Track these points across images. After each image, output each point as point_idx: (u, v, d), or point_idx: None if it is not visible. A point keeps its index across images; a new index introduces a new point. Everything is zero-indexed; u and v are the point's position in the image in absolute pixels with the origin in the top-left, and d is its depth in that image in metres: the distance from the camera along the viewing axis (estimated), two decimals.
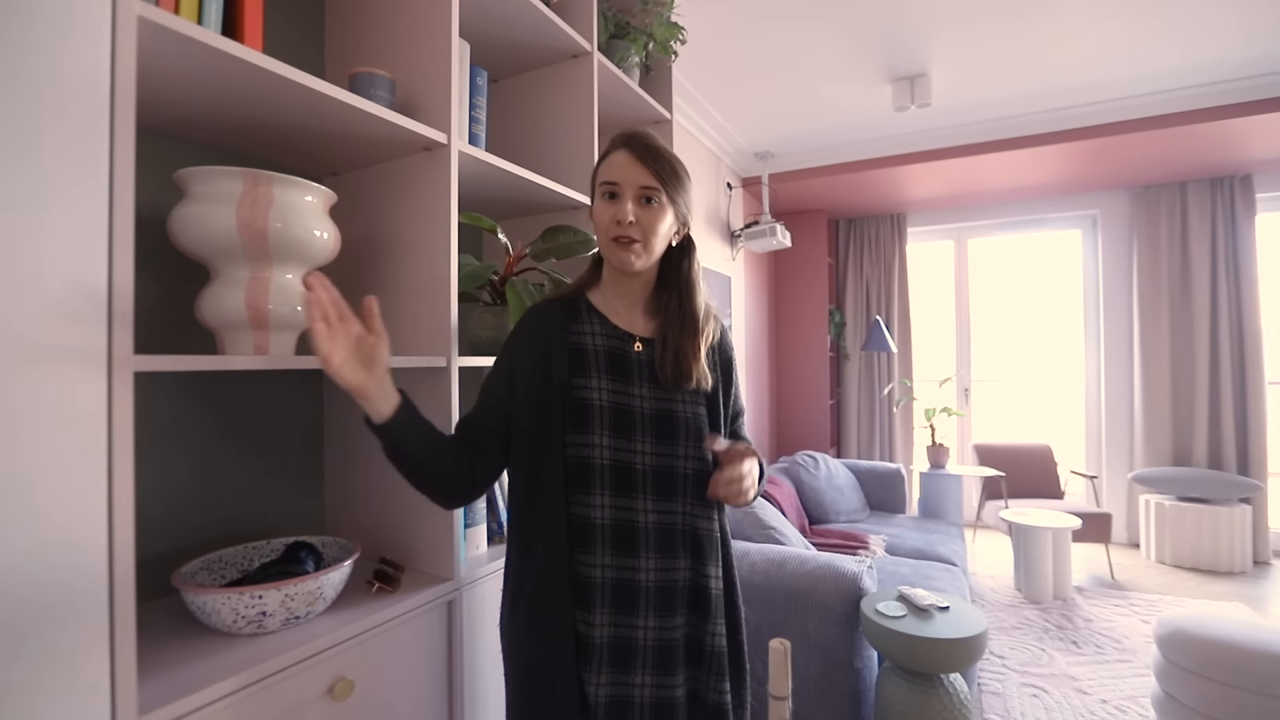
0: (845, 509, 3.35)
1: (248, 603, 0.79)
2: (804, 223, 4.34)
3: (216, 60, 0.77)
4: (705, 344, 0.93)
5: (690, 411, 0.92)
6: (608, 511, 0.87)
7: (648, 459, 0.89)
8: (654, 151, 0.89)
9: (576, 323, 0.94)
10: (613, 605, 0.86)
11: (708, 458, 0.91)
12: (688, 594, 0.90)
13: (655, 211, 0.88)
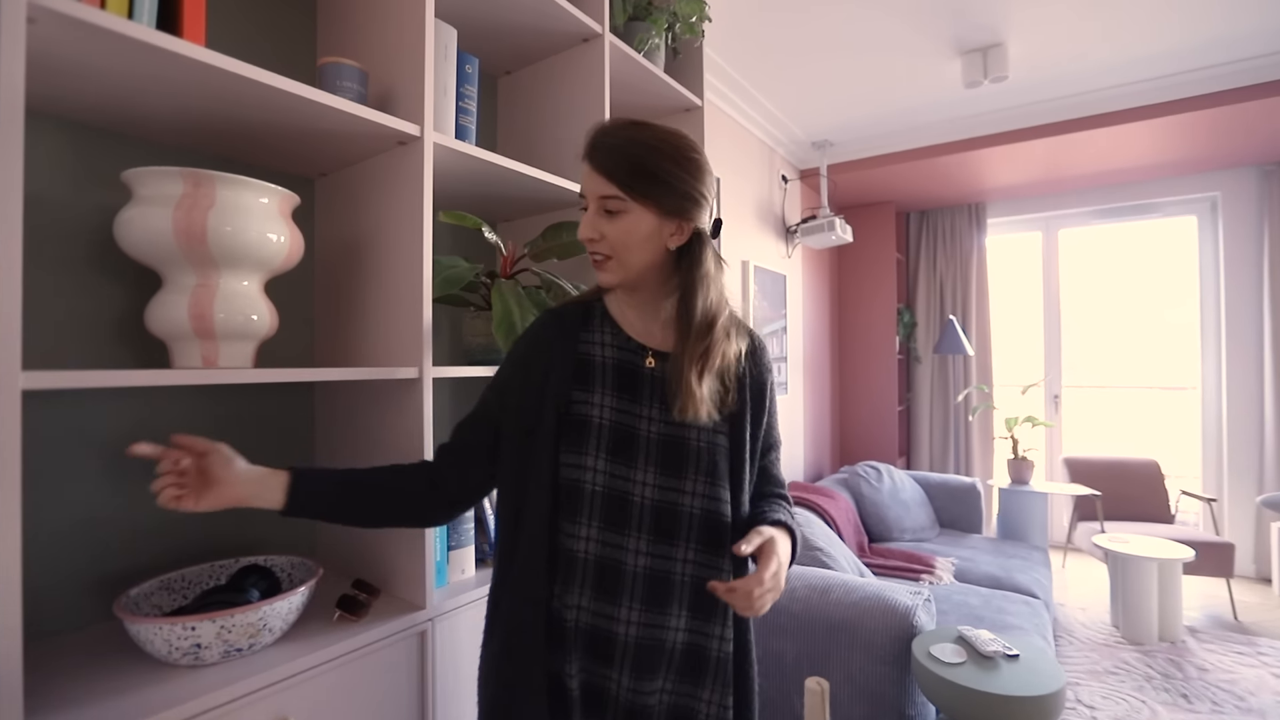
0: (911, 526, 3.07)
1: (180, 634, 0.74)
2: (869, 216, 4.05)
3: (150, 55, 0.72)
4: (712, 365, 0.78)
5: (705, 441, 0.80)
6: (593, 546, 0.77)
7: (648, 491, 0.78)
8: (612, 153, 0.76)
9: (587, 331, 0.85)
10: (586, 653, 0.77)
11: (722, 499, 0.79)
12: (681, 656, 0.79)
13: (620, 221, 0.77)
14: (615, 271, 0.79)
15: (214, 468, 0.73)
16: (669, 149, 0.77)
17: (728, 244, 2.72)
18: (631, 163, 0.76)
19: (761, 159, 3.08)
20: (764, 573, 0.71)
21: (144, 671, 0.76)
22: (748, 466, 0.84)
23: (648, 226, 0.77)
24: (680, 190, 0.77)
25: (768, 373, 0.89)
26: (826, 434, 3.94)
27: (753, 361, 0.86)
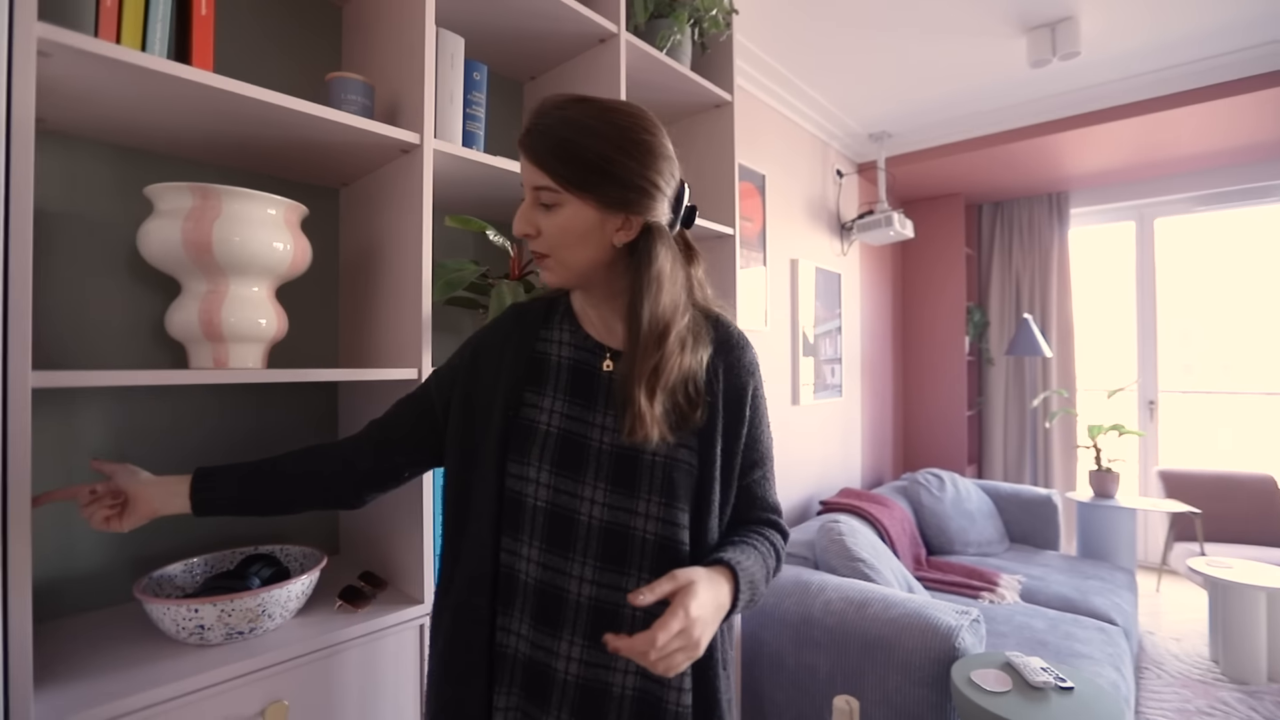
0: (976, 540, 2.87)
1: (185, 615, 0.79)
2: (935, 210, 3.82)
3: (165, 83, 0.78)
4: (664, 381, 0.68)
5: (664, 456, 0.71)
6: (534, 568, 0.70)
7: (596, 510, 0.70)
8: (545, 136, 0.67)
9: (547, 328, 0.79)
10: (523, 689, 0.70)
11: (679, 523, 0.70)
12: (631, 706, 0.69)
13: (556, 215, 0.69)
14: (555, 271, 0.72)
15: (125, 487, 0.73)
16: (610, 130, 0.67)
17: (774, 243, 2.65)
18: (565, 148, 0.66)
19: (813, 153, 2.98)
20: (657, 632, 0.58)
21: (156, 648, 0.82)
22: (718, 487, 0.73)
23: (586, 221, 0.68)
24: (623, 179, 0.67)
25: (749, 377, 0.77)
26: (888, 439, 3.75)
27: (727, 365, 0.76)
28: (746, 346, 0.79)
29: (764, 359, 2.52)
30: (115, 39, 0.77)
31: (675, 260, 0.72)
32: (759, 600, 0.74)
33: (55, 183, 0.92)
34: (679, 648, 0.59)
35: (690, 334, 0.72)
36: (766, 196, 2.58)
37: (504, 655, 0.70)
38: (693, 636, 0.60)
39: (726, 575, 0.68)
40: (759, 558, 0.73)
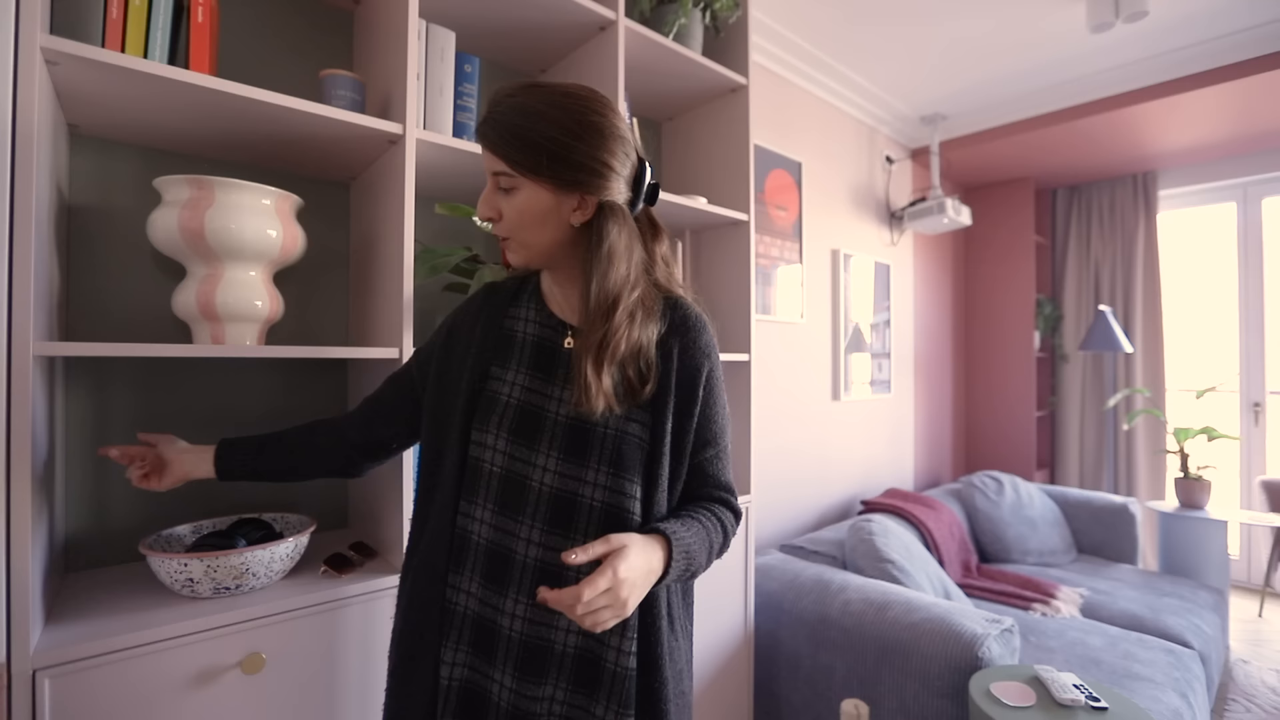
0: (1037, 548, 2.66)
1: (176, 568, 0.87)
2: (1001, 195, 3.57)
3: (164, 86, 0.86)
4: (613, 354, 0.71)
5: (615, 428, 0.74)
6: (486, 529, 0.74)
7: (548, 477, 0.74)
8: (498, 124, 0.71)
9: (516, 306, 0.83)
10: (471, 645, 0.74)
11: (628, 493, 0.73)
12: (573, 663, 0.73)
13: (514, 198, 0.73)
14: (518, 252, 0.76)
15: (164, 454, 0.85)
16: (560, 114, 0.70)
17: (813, 233, 2.56)
18: (517, 134, 0.69)
19: (859, 139, 2.85)
20: (583, 589, 0.60)
21: (156, 599, 0.91)
22: (667, 462, 0.76)
23: (543, 203, 0.72)
24: (574, 161, 0.70)
25: (704, 358, 0.79)
26: (946, 439, 3.54)
27: (682, 346, 0.77)
28: (704, 329, 0.81)
29: (799, 353, 2.45)
30: (120, 48, 0.86)
31: (631, 237, 0.74)
32: (697, 571, 0.76)
33: (88, 181, 1.04)
34: (605, 605, 0.62)
35: (641, 308, 0.74)
36: (803, 185, 2.50)
37: (454, 612, 0.74)
38: (619, 596, 0.62)
39: (661, 543, 0.70)
40: (701, 531, 0.75)
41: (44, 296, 0.82)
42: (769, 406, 2.34)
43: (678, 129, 1.89)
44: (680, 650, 0.78)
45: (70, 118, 0.97)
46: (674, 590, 0.78)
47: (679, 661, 0.77)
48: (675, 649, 0.76)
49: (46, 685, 0.74)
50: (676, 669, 0.76)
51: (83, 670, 0.77)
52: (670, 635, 0.75)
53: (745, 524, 1.67)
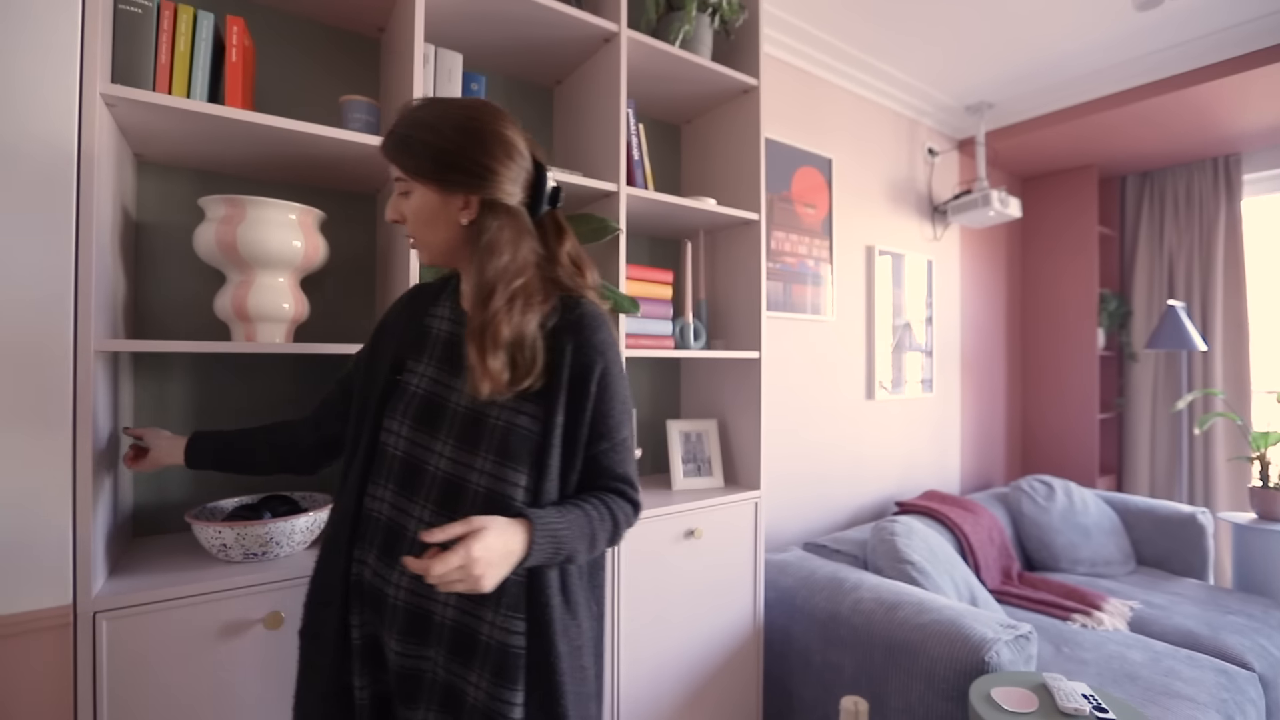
0: (1089, 558, 2.53)
1: (212, 534, 1.01)
2: (1060, 185, 3.37)
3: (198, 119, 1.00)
4: (497, 340, 0.75)
5: (504, 420, 0.79)
6: (386, 508, 0.81)
7: (443, 463, 0.79)
8: (392, 134, 0.80)
9: (437, 304, 0.91)
10: (371, 610, 0.81)
11: (512, 481, 0.77)
12: (450, 633, 0.78)
13: (411, 201, 0.81)
14: (421, 250, 0.84)
15: (148, 442, 0.99)
16: (444, 123, 0.77)
17: (844, 230, 2.53)
18: (406, 143, 0.78)
19: (897, 132, 2.79)
20: (434, 563, 0.66)
21: (197, 560, 1.05)
22: (558, 454, 0.80)
23: (432, 204, 0.79)
24: (456, 164, 0.77)
25: (597, 356, 0.81)
26: (999, 442, 3.39)
27: (576, 344, 0.81)
28: (598, 328, 0.83)
29: (829, 350, 2.43)
30: (169, 89, 1.01)
31: (517, 232, 0.80)
32: (574, 555, 0.78)
33: (152, 201, 1.21)
34: (458, 579, 0.67)
35: (523, 297, 0.78)
36: (834, 181, 2.47)
37: (358, 582, 0.82)
38: (472, 573, 0.67)
39: (524, 526, 0.73)
40: (581, 519, 0.78)
41: (106, 301, 0.97)
42: (794, 404, 2.34)
43: (695, 131, 1.93)
44: (580, 629, 0.82)
45: (134, 148, 1.14)
46: (572, 574, 0.82)
47: (577, 639, 0.81)
48: (571, 627, 0.80)
49: (104, 625, 0.89)
50: (574, 646, 0.80)
51: (133, 615, 0.91)
52: (566, 613, 0.80)
53: (754, 519, 1.70)
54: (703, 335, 1.73)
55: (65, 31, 0.87)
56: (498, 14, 1.34)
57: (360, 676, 0.80)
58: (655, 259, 1.91)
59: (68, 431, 0.87)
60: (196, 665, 0.95)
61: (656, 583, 1.49)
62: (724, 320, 1.83)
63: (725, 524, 1.63)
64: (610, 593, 1.41)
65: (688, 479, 1.72)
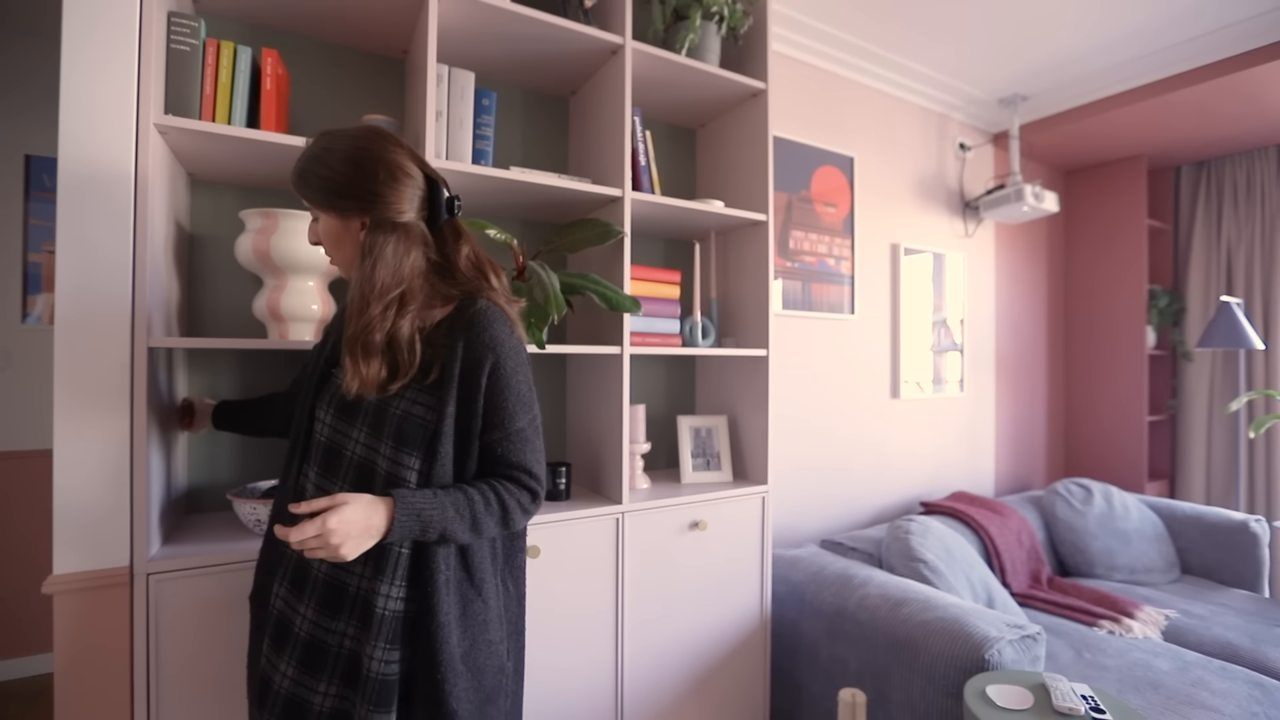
0: (1127, 564, 2.44)
1: (249, 510, 1.14)
2: (1106, 177, 3.23)
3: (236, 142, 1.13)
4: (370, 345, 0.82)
5: (401, 410, 0.85)
6: (312, 488, 0.90)
7: (358, 449, 0.87)
8: (296, 170, 0.89)
9: None
10: (291, 583, 0.89)
11: (404, 464, 0.84)
12: (322, 587, 0.86)
13: (320, 225, 0.91)
14: (339, 267, 0.93)
15: (196, 409, 1.20)
16: (332, 156, 0.86)
17: (867, 228, 2.52)
18: (303, 177, 0.87)
19: (925, 128, 2.75)
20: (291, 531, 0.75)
21: (237, 533, 1.18)
22: (449, 441, 0.86)
23: (335, 228, 0.89)
24: (343, 192, 0.85)
25: (487, 352, 0.87)
26: (1039, 444, 3.28)
27: (467, 341, 0.86)
28: (488, 325, 0.87)
29: (851, 349, 2.43)
30: (213, 117, 1.14)
31: (402, 245, 0.86)
32: (447, 533, 0.83)
33: (204, 216, 1.35)
34: (317, 546, 0.76)
35: (398, 304, 0.84)
36: (856, 179, 2.47)
37: (284, 555, 0.91)
38: (330, 542, 0.76)
39: (387, 504, 0.80)
40: (461, 500, 0.84)
41: (160, 304, 1.11)
42: (814, 402, 2.35)
43: (709, 135, 1.98)
44: (486, 605, 0.89)
45: (187, 169, 1.29)
46: (478, 552, 0.90)
47: (480, 614, 0.88)
48: (474, 602, 0.88)
49: (155, 586, 1.03)
50: (472, 617, 0.87)
51: (178, 578, 1.04)
52: (466, 584, 0.88)
53: (761, 514, 1.73)
54: (711, 333, 1.78)
55: (124, 69, 1.01)
56: (509, 33, 1.43)
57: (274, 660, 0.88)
58: (670, 259, 1.97)
59: (126, 419, 1.01)
60: (228, 622, 1.08)
61: (661, 572, 1.56)
62: (735, 319, 1.88)
63: (731, 517, 1.68)
64: (616, 579, 1.48)
65: (697, 473, 1.78)
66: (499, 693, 0.91)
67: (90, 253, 0.99)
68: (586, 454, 1.68)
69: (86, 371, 0.99)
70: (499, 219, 1.69)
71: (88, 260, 0.99)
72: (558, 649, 1.41)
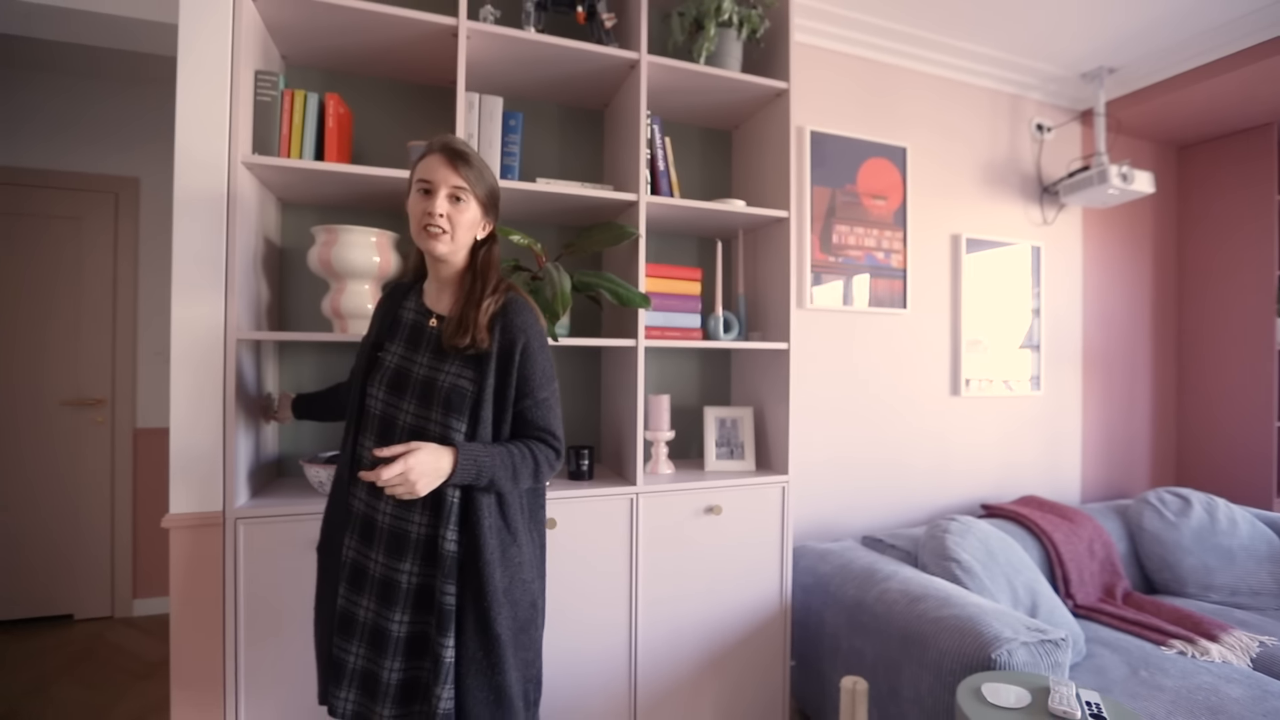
0: (1228, 584, 2.20)
1: (315, 473, 1.39)
2: (1227, 150, 2.86)
3: (305, 173, 1.39)
4: (486, 311, 1.06)
5: (450, 382, 1.04)
6: (368, 455, 1.06)
7: (409, 418, 1.05)
8: (464, 157, 1.05)
9: (407, 299, 1.17)
10: (360, 536, 1.07)
11: (453, 427, 1.02)
12: (422, 546, 1.03)
13: (462, 208, 1.06)
14: (449, 244, 1.06)
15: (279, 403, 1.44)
16: (489, 173, 1.10)
17: (923, 219, 2.45)
18: (479, 173, 1.08)
19: (995, 111, 2.60)
20: (381, 471, 0.93)
21: (305, 492, 1.45)
22: (490, 407, 1.05)
23: (475, 217, 1.08)
24: (494, 201, 1.10)
25: (519, 334, 1.07)
26: (1141, 450, 2.98)
27: (503, 325, 1.07)
28: (519, 312, 1.09)
29: (904, 345, 2.40)
30: (288, 153, 1.40)
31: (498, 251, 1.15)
32: (495, 480, 1.03)
33: (290, 232, 1.64)
34: (398, 484, 0.95)
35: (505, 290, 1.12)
36: (909, 170, 2.40)
37: (352, 511, 1.08)
38: (409, 478, 0.94)
39: (452, 452, 0.99)
40: (503, 454, 1.04)
41: (250, 304, 1.38)
42: (860, 397, 2.33)
43: (743, 135, 2.04)
44: (520, 550, 1.08)
45: (276, 194, 1.57)
46: (511, 505, 1.08)
47: (516, 557, 1.07)
48: (511, 546, 1.06)
49: (241, 528, 1.30)
50: (510, 559, 1.06)
51: (259, 523, 1.31)
52: (504, 531, 1.06)
53: (781, 503, 1.78)
54: (735, 327, 1.85)
55: (219, 117, 1.29)
56: (535, 58, 1.60)
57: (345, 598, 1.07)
58: (703, 258, 2.05)
59: (220, 397, 1.29)
60: (297, 561, 1.33)
61: (676, 552, 1.66)
62: (761, 313, 1.93)
63: (748, 505, 1.74)
64: (630, 555, 1.61)
65: (720, 461, 1.86)
66: (531, 624, 1.10)
67: (195, 266, 1.28)
68: (612, 439, 1.82)
69: (194, 359, 1.28)
70: (534, 225, 1.87)
71: (194, 272, 1.28)
72: (577, 606, 1.56)
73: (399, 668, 1.03)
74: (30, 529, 2.79)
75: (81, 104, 2.83)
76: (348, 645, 1.06)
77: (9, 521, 2.76)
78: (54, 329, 2.82)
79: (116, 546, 2.88)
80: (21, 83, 2.76)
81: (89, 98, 2.84)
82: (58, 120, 2.81)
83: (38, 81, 2.78)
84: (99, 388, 2.87)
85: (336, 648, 1.07)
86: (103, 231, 2.87)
